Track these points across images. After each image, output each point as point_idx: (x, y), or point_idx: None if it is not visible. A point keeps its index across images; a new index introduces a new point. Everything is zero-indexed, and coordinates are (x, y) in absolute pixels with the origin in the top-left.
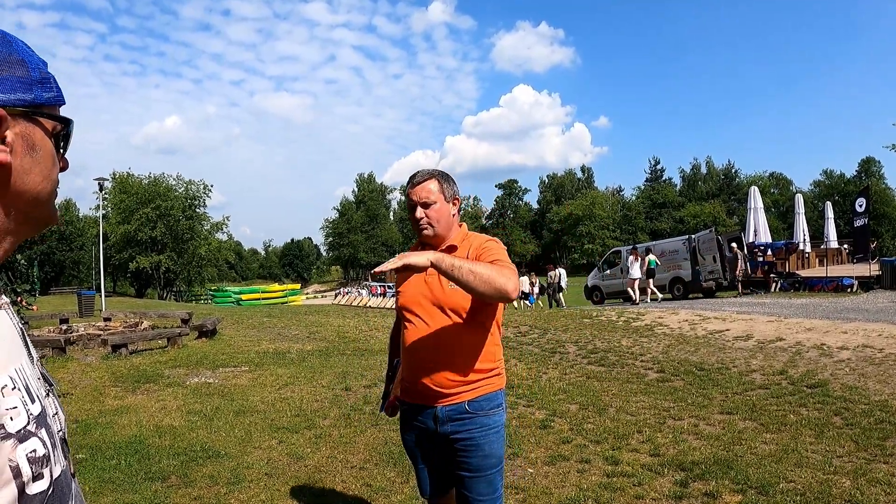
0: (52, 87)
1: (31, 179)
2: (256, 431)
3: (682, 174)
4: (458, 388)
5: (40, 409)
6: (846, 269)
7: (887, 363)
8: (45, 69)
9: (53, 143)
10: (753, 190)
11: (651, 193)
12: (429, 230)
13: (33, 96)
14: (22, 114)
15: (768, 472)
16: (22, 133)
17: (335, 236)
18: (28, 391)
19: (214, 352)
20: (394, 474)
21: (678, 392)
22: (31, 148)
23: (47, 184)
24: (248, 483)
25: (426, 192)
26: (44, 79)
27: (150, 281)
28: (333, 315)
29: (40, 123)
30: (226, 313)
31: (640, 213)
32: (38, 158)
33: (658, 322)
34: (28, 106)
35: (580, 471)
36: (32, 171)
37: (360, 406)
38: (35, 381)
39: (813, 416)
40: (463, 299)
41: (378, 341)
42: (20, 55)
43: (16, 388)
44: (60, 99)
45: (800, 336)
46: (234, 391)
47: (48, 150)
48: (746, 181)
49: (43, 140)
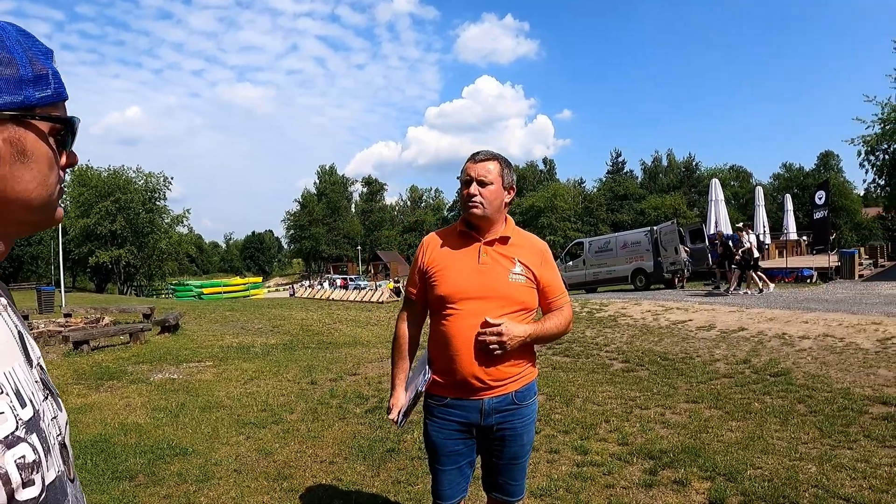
0: (47, 86)
1: (23, 187)
2: (223, 427)
3: (644, 167)
4: (507, 380)
5: (31, 414)
6: (806, 260)
7: (848, 352)
8: (43, 63)
9: (54, 143)
10: (714, 182)
11: (612, 185)
12: (479, 209)
13: (22, 98)
14: (10, 118)
15: (735, 459)
16: (10, 139)
17: (297, 229)
18: (19, 395)
19: (178, 347)
20: (364, 468)
21: (644, 382)
22: (22, 154)
23: (42, 189)
24: (218, 480)
25: (486, 170)
26: (38, 77)
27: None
28: (296, 308)
29: (33, 126)
30: (188, 308)
31: (602, 205)
32: (31, 164)
33: (621, 313)
34: (17, 109)
35: (550, 461)
36: (23, 178)
37: (327, 400)
38: (29, 385)
39: (777, 404)
40: (521, 290)
41: (342, 334)
42: (9, 51)
43: (3, 394)
44: (60, 96)
45: (761, 326)
46: (199, 387)
47: (43, 154)
48: (707, 174)
49: (36, 144)
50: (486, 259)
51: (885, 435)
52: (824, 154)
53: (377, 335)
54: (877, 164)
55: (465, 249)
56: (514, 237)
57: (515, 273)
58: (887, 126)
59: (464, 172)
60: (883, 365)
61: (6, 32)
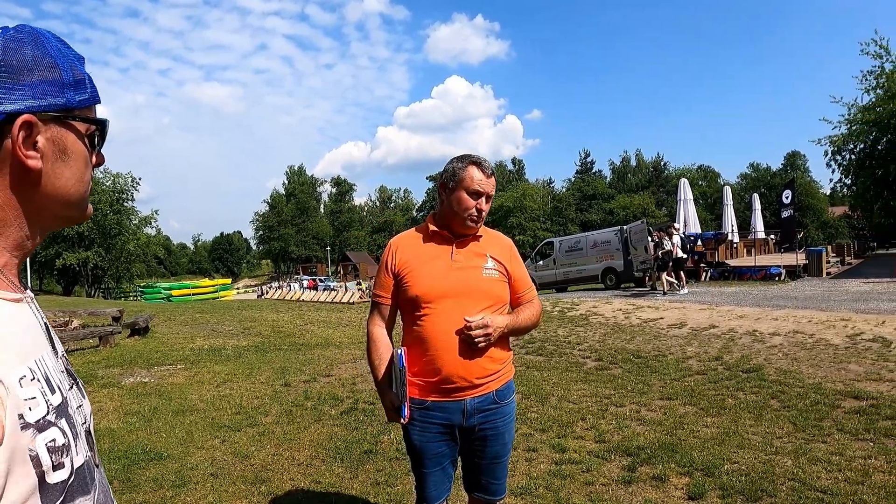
0: (85, 90)
1: (62, 184)
2: (198, 431)
3: (612, 166)
4: (488, 378)
5: (61, 400)
6: (774, 258)
7: (818, 348)
8: (80, 68)
9: (88, 144)
10: (683, 182)
11: (581, 185)
12: (477, 224)
13: (65, 100)
14: (53, 118)
15: (712, 455)
16: (53, 138)
17: (265, 230)
18: (48, 382)
19: (148, 350)
20: (342, 470)
21: (618, 379)
22: (63, 153)
23: (80, 186)
24: (194, 485)
25: (491, 186)
26: (77, 81)
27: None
28: (267, 310)
29: (72, 127)
30: (157, 310)
31: (571, 205)
32: (70, 163)
33: (592, 311)
34: (59, 110)
35: (528, 459)
36: (63, 175)
37: (302, 402)
38: (57, 374)
39: (751, 400)
40: (495, 284)
41: (314, 335)
42: (53, 57)
43: (35, 379)
44: (95, 99)
45: (732, 323)
46: (172, 390)
47: (80, 153)
48: (675, 174)
49: (75, 144)
50: (460, 257)
51: (857, 428)
52: (791, 154)
53: (349, 336)
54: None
55: (437, 249)
56: (484, 235)
57: (488, 268)
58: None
59: (475, 183)
60: (853, 360)
61: (48, 40)
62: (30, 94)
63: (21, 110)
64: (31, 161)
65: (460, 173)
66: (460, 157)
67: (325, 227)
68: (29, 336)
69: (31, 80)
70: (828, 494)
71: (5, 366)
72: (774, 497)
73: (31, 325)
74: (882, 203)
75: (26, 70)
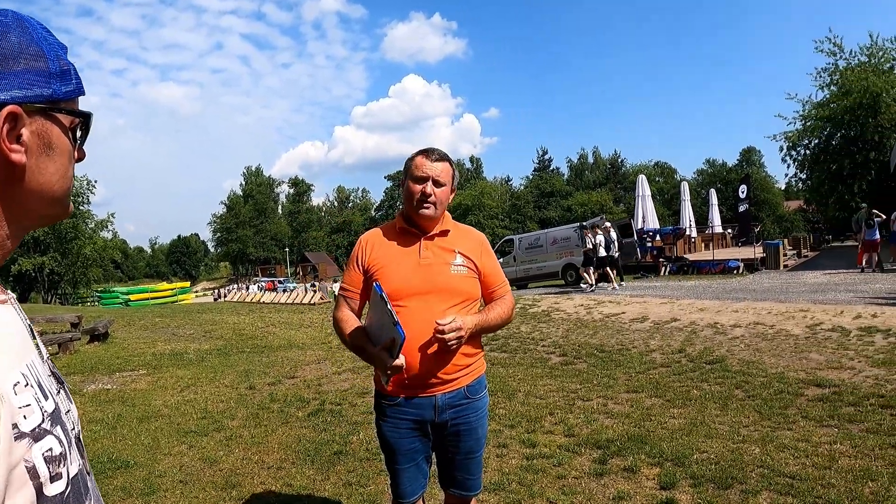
0: (70, 80)
1: (46, 179)
2: (164, 437)
3: (570, 164)
4: (459, 374)
5: (54, 406)
6: (732, 252)
7: (779, 338)
8: (64, 58)
9: (71, 138)
10: (641, 178)
11: (539, 183)
12: (431, 210)
13: (51, 91)
14: (39, 110)
15: (681, 445)
16: (38, 131)
17: (223, 231)
18: (41, 388)
19: (109, 356)
20: (313, 472)
21: (583, 374)
22: (48, 147)
23: (64, 182)
24: (164, 492)
25: (441, 170)
26: (63, 71)
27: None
28: (227, 312)
29: (58, 120)
30: (115, 315)
31: (529, 203)
32: (55, 157)
33: (554, 308)
34: (45, 102)
35: (499, 455)
36: (48, 170)
37: (268, 404)
38: (46, 378)
39: (715, 391)
40: (464, 281)
41: (277, 337)
42: (38, 45)
43: (28, 385)
44: (80, 91)
45: (693, 316)
46: (135, 396)
47: (65, 148)
48: (633, 170)
49: (60, 138)
50: (428, 254)
51: (822, 415)
52: (747, 150)
53: (312, 337)
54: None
55: (406, 246)
56: (454, 230)
57: (457, 264)
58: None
59: (417, 168)
60: (814, 349)
61: (33, 27)
62: (15, 84)
63: (6, 101)
64: (15, 155)
65: (409, 164)
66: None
67: (283, 228)
68: (18, 339)
69: (16, 69)
70: (797, 480)
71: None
72: (745, 484)
73: (18, 327)
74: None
75: (11, 58)
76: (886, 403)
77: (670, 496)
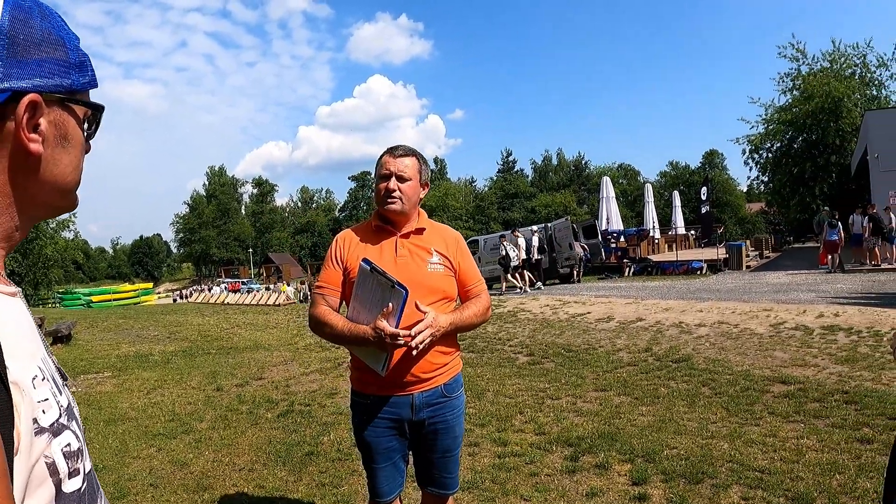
0: (87, 72)
1: (60, 171)
2: (132, 440)
3: (534, 165)
4: (436, 372)
5: (67, 401)
6: (695, 253)
7: (744, 337)
8: (80, 48)
9: (84, 130)
10: (605, 180)
11: (503, 184)
12: (397, 204)
13: (70, 82)
14: (57, 101)
15: (651, 441)
16: (56, 121)
17: (186, 232)
18: (55, 381)
19: (72, 358)
20: (285, 473)
21: (551, 373)
22: (64, 138)
23: (76, 174)
24: (134, 496)
25: (405, 166)
26: (81, 62)
27: None
28: (191, 314)
29: (73, 111)
30: (78, 316)
31: (493, 204)
32: (69, 149)
33: (520, 308)
34: (64, 92)
35: (471, 454)
36: (62, 161)
37: (236, 406)
38: (56, 373)
39: (683, 388)
40: (440, 279)
41: (242, 339)
42: (58, 33)
43: (45, 379)
44: (95, 83)
45: (658, 316)
46: (101, 399)
47: (78, 140)
48: (596, 172)
49: (75, 130)
50: (404, 252)
51: (788, 411)
52: (709, 153)
53: (278, 338)
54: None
55: (382, 244)
56: (429, 228)
57: (433, 263)
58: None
59: (382, 167)
60: (778, 348)
61: (52, 15)
62: (37, 72)
63: (28, 89)
64: (34, 145)
65: (377, 163)
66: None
67: (246, 228)
68: (31, 332)
69: (38, 57)
70: (766, 473)
71: (19, 365)
72: (715, 478)
73: (28, 321)
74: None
75: (33, 45)
76: (850, 399)
77: (643, 491)
